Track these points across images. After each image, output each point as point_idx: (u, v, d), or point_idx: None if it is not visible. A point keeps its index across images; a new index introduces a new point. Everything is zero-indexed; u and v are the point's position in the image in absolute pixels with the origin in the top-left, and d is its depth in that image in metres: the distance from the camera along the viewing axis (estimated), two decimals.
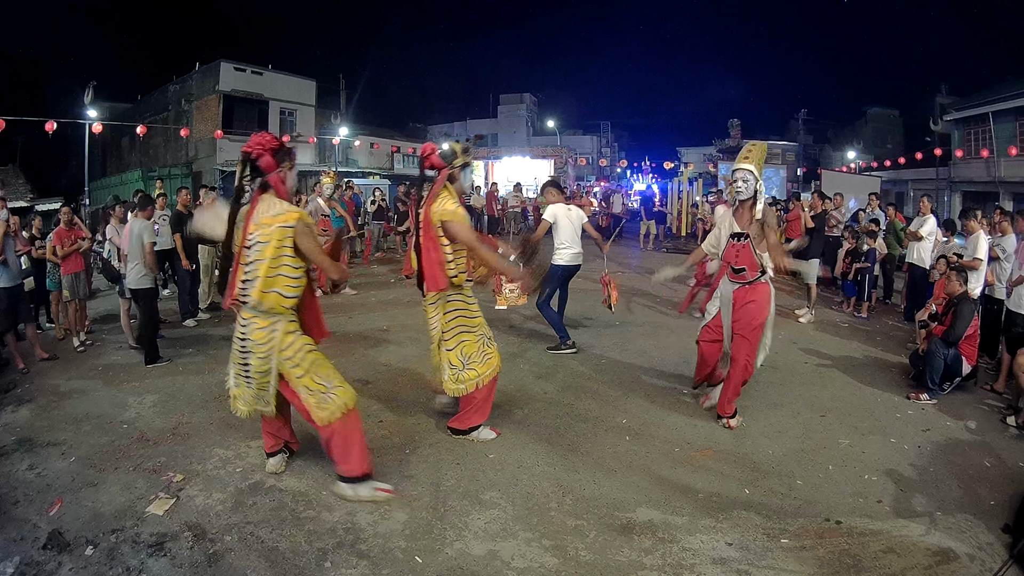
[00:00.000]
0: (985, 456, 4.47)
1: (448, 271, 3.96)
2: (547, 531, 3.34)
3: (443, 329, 4.16)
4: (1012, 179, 21.79)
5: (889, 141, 36.00)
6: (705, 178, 27.60)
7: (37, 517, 3.46)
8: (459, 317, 4.17)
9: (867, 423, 4.94)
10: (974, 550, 3.29)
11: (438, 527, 3.35)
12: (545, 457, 4.19)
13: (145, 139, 23.90)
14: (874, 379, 6.03)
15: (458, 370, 4.14)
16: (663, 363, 6.27)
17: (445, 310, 4.15)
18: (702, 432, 4.65)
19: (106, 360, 6.48)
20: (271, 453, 3.93)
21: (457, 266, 4.02)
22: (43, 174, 25.97)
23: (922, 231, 8.51)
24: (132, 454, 4.21)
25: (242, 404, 3.71)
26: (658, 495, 3.74)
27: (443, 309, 4.15)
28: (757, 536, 3.33)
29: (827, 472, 4.09)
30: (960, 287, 5.83)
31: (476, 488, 3.76)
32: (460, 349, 4.15)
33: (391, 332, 7.33)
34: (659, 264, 6.71)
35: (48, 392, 5.55)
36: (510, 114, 45.28)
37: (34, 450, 4.34)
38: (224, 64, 24.40)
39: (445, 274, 3.95)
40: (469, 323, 4.20)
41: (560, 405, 5.12)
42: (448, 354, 4.16)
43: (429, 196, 4.03)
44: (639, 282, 10.62)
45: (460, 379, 4.15)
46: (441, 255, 3.93)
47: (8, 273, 6.24)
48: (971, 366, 5.69)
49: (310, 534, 3.28)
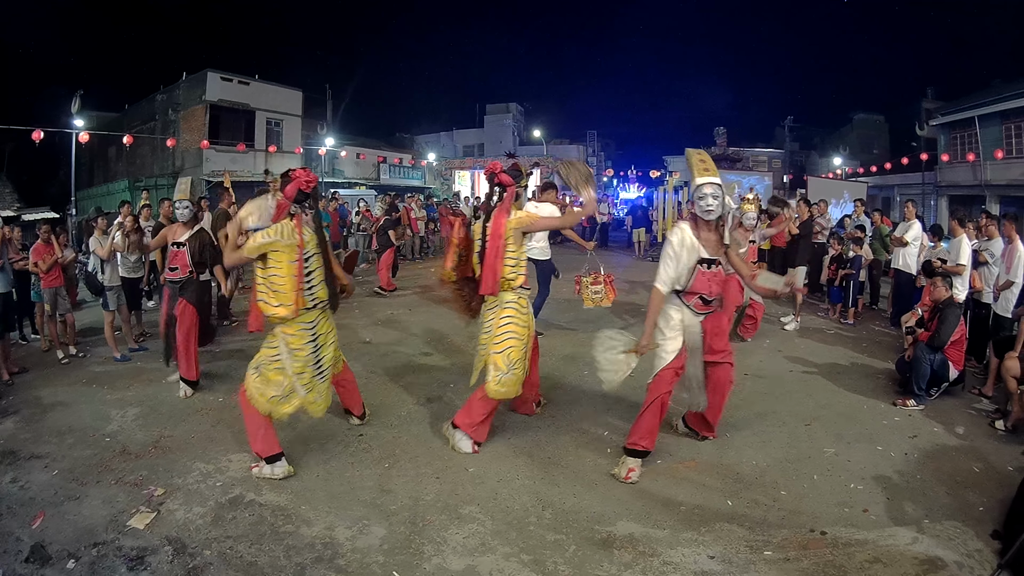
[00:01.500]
0: (974, 461, 4.46)
1: (507, 275, 4.30)
2: (526, 546, 3.31)
3: (496, 332, 4.33)
4: (998, 182, 21.94)
5: (875, 146, 36.20)
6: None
7: (20, 530, 3.47)
8: (511, 324, 4.33)
9: (853, 431, 4.93)
10: (963, 557, 3.28)
11: (416, 542, 3.33)
12: (525, 471, 4.16)
13: (132, 149, 23.76)
14: (860, 386, 6.01)
15: (502, 373, 4.25)
16: (644, 375, 6.20)
17: (500, 315, 4.35)
18: (684, 444, 4.62)
19: (90, 372, 6.43)
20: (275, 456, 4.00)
21: (517, 272, 4.35)
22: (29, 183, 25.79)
23: (907, 236, 8.54)
24: (114, 467, 4.21)
25: (322, 403, 4.16)
26: (639, 508, 3.71)
27: (499, 313, 4.36)
28: (740, 548, 3.31)
29: (812, 482, 4.07)
30: (946, 292, 5.84)
31: (455, 502, 3.74)
32: (507, 354, 4.27)
33: (373, 345, 7.28)
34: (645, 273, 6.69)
35: (32, 404, 5.52)
36: (496, 124, 45.24)
37: (17, 463, 4.33)
38: (211, 74, 24.30)
39: (498, 281, 4.27)
40: (518, 332, 4.34)
41: (540, 418, 5.08)
42: (496, 356, 4.29)
43: (499, 211, 4.32)
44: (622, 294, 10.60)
45: (503, 383, 4.26)
46: (502, 264, 4.27)
47: (3, 280, 6.25)
48: (958, 371, 5.69)
49: (289, 549, 3.27)
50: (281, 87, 27.46)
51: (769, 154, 41.90)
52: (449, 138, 45.76)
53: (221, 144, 23.25)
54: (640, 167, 37.02)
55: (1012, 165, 21.21)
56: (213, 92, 24.20)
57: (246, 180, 22.21)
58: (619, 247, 20.25)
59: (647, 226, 18.16)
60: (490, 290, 4.29)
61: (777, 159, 41.02)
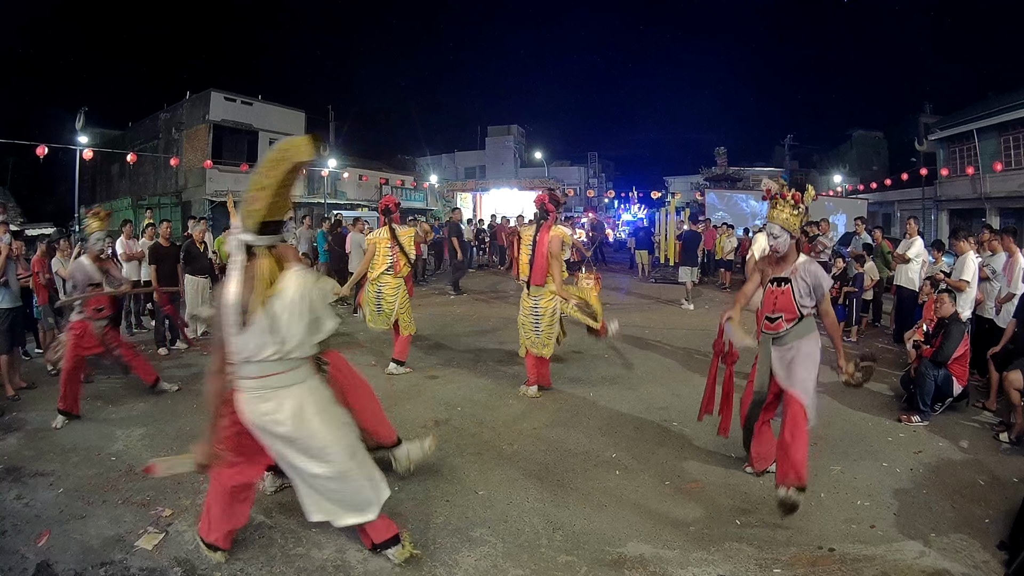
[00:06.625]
0: (979, 474, 4.48)
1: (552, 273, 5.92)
2: (538, 568, 3.30)
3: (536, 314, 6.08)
4: (998, 194, 22.07)
5: (875, 163, 36.38)
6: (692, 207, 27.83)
7: (25, 548, 3.46)
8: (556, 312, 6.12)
9: (858, 448, 4.94)
10: (970, 569, 3.29)
11: (428, 564, 3.31)
12: (535, 493, 4.16)
13: (135, 167, 23.87)
14: (865, 403, 6.01)
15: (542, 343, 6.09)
16: (652, 396, 6.26)
17: (541, 303, 6.05)
18: (692, 464, 4.63)
19: (94, 390, 6.41)
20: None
21: (561, 273, 5.94)
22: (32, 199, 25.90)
23: (909, 253, 8.57)
24: (120, 487, 4.18)
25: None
26: (649, 529, 3.71)
27: (540, 302, 6.05)
28: (749, 567, 3.31)
29: (819, 499, 4.08)
30: (951, 308, 5.87)
31: (466, 525, 3.73)
32: (549, 331, 6.07)
33: (378, 368, 7.18)
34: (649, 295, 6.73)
35: (36, 421, 5.53)
36: (498, 146, 45.59)
37: (22, 480, 4.33)
38: (215, 93, 24.49)
39: (544, 276, 5.95)
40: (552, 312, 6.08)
41: (549, 440, 5.08)
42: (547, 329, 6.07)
43: (544, 229, 5.95)
44: (626, 315, 10.69)
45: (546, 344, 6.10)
46: (547, 264, 5.89)
47: (9, 295, 6.29)
48: (962, 387, 5.71)
49: (300, 571, 3.25)
50: (284, 108, 27.68)
51: (769, 173, 41.94)
52: (451, 160, 46.07)
53: (224, 164, 23.36)
54: (641, 188, 37.16)
55: (1011, 177, 21.35)
56: (216, 112, 24.39)
57: None
58: (621, 268, 20.24)
59: (649, 248, 18.16)
60: (538, 281, 5.96)
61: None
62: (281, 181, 2.75)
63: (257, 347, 2.82)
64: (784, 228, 4.05)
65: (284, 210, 2.85)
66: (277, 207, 2.79)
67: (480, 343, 8.73)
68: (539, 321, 6.03)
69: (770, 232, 4.12)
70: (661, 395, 6.27)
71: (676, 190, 32.91)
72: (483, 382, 6.72)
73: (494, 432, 5.19)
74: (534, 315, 6.05)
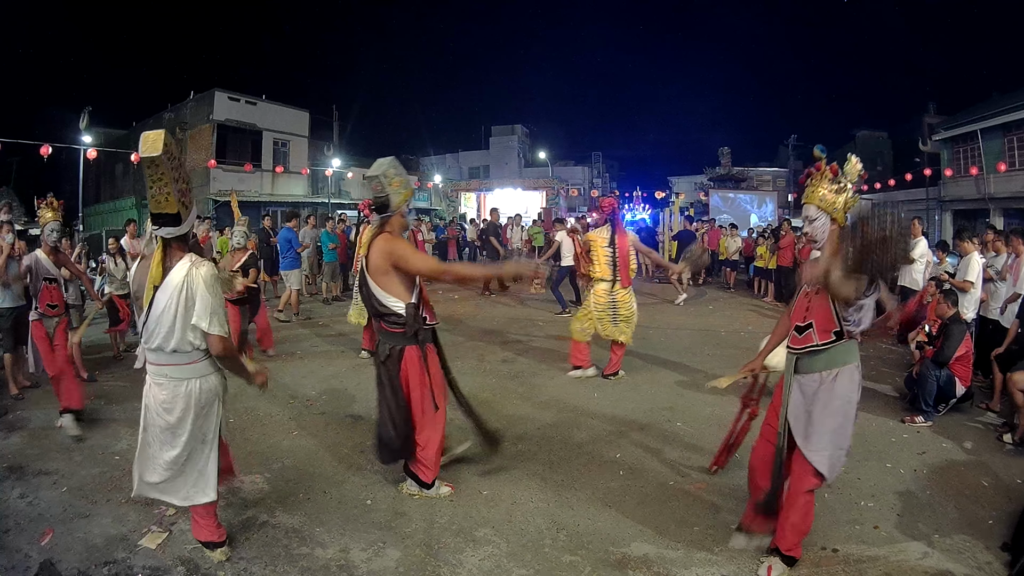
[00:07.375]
0: (982, 475, 4.48)
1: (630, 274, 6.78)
2: (541, 568, 3.30)
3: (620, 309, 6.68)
4: (1002, 195, 22.02)
5: (879, 163, 36.27)
6: (696, 207, 27.79)
7: (28, 547, 3.45)
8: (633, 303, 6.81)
9: (862, 449, 4.92)
10: (973, 570, 3.28)
11: (432, 564, 3.32)
12: (539, 493, 4.16)
13: (139, 167, 23.75)
14: (868, 404, 5.96)
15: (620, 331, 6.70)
16: (656, 397, 6.26)
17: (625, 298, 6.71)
18: (696, 465, 4.62)
19: (98, 390, 6.43)
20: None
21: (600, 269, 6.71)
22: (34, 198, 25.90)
23: (913, 254, 8.53)
24: (124, 486, 4.13)
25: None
26: (653, 529, 3.71)
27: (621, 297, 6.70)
28: (753, 568, 3.30)
29: (823, 500, 4.05)
30: (950, 310, 5.86)
31: (470, 525, 3.73)
32: (627, 322, 6.70)
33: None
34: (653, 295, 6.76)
35: (40, 419, 5.53)
36: (502, 145, 45.55)
37: (25, 478, 4.33)
38: (219, 93, 24.52)
39: (630, 277, 6.75)
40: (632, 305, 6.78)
41: (554, 439, 5.09)
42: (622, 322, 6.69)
43: (620, 234, 6.70)
44: None
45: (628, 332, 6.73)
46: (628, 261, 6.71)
47: (11, 294, 6.28)
48: (965, 387, 5.71)
49: (304, 571, 3.25)
50: (288, 108, 27.67)
51: (773, 173, 42.09)
52: (455, 159, 46.04)
53: (228, 164, 23.39)
54: (645, 188, 37.06)
55: (1015, 177, 21.30)
56: (220, 111, 24.42)
57: (253, 200, 22.31)
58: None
59: (653, 248, 18.09)
60: (626, 281, 6.66)
61: (781, 178, 41.17)
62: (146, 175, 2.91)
63: (148, 335, 3.02)
64: (820, 208, 3.25)
65: (164, 205, 2.93)
66: (156, 202, 2.92)
67: (484, 343, 8.74)
68: (618, 312, 6.64)
69: (805, 215, 3.33)
70: (665, 396, 6.27)
71: (680, 190, 32.88)
72: (487, 382, 6.73)
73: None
74: (612, 308, 6.66)
